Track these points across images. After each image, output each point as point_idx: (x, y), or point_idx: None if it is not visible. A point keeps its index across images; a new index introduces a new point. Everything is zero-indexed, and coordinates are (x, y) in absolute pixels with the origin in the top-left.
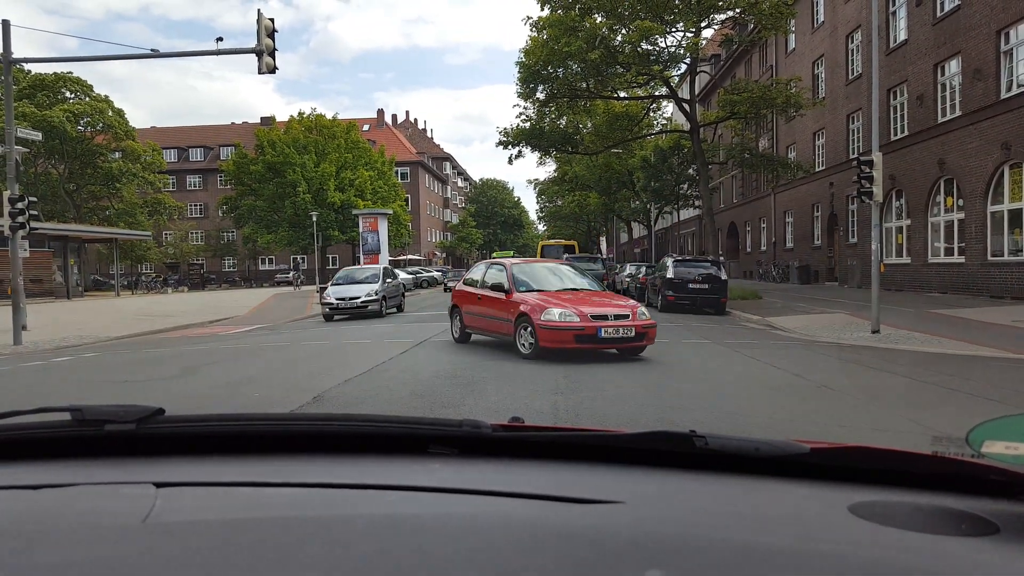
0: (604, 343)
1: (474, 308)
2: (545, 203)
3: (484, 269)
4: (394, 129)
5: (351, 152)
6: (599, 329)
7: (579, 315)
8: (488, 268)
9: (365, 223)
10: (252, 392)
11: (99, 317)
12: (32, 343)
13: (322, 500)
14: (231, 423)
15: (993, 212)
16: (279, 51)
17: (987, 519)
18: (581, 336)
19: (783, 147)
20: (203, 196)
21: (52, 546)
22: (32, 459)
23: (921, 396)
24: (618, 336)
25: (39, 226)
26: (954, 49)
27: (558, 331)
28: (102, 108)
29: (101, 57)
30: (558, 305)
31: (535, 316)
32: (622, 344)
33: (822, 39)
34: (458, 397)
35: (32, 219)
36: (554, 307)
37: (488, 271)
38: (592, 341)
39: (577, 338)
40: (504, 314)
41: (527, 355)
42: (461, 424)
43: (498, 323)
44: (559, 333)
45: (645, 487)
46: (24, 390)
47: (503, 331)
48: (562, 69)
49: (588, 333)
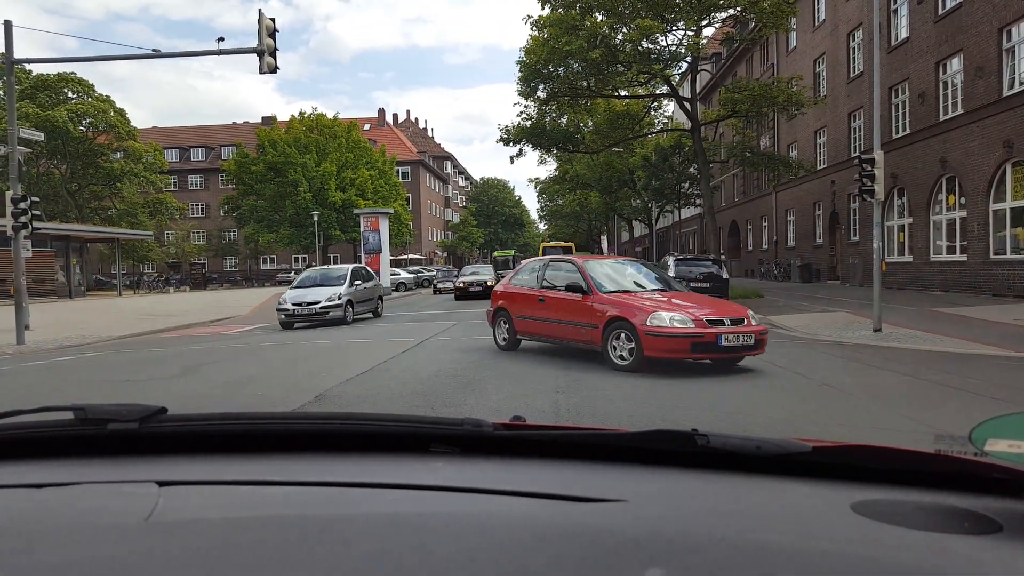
0: (724, 352)
1: (532, 312)
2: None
3: (540, 268)
4: (395, 128)
5: (352, 151)
6: (719, 336)
7: (695, 320)
8: (546, 266)
9: (366, 222)
10: (254, 391)
11: (101, 317)
12: (35, 343)
13: (324, 499)
14: (233, 422)
15: (995, 210)
16: (279, 51)
17: (990, 517)
18: (699, 344)
19: (784, 145)
20: (205, 196)
21: (55, 545)
22: (35, 458)
23: (923, 395)
24: (738, 344)
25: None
26: (956, 47)
27: (671, 339)
28: (104, 108)
29: (103, 57)
30: (666, 307)
31: (637, 321)
32: (741, 353)
33: (823, 37)
34: (460, 396)
35: (34, 219)
36: (663, 310)
37: (547, 270)
38: (711, 350)
39: (694, 346)
40: (584, 318)
41: (623, 367)
42: (463, 423)
43: (573, 329)
44: (672, 341)
45: (647, 486)
46: (27, 389)
47: (581, 338)
48: (563, 68)
49: (707, 341)
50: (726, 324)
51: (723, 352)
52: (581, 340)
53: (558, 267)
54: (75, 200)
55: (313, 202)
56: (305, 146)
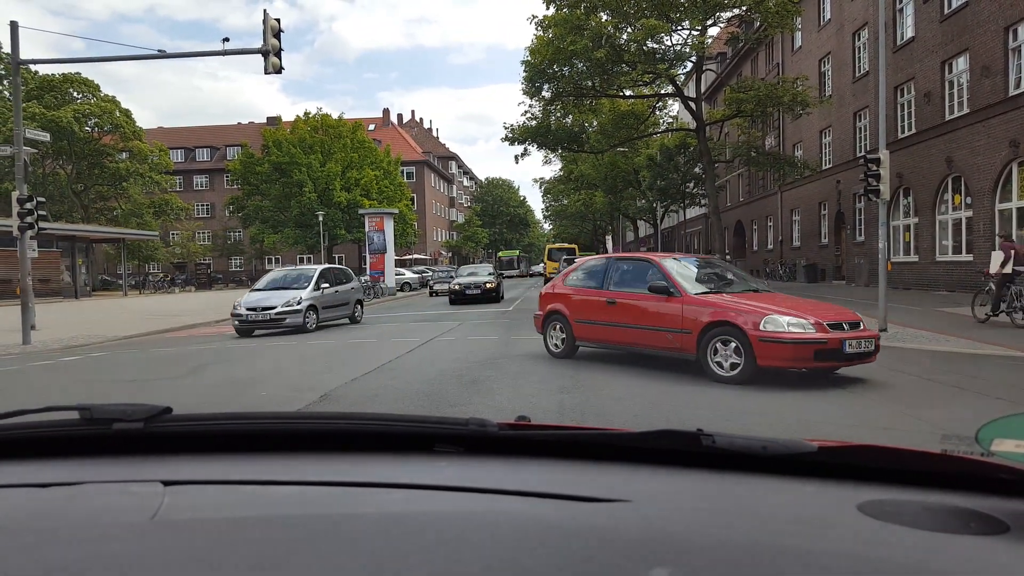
0: (847, 360)
1: (597, 316)
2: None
3: (603, 267)
4: (399, 128)
5: (357, 152)
6: (843, 343)
7: (815, 324)
8: (613, 266)
9: (371, 222)
10: (259, 391)
11: (107, 317)
12: (41, 342)
13: (329, 498)
14: (238, 422)
15: (1001, 210)
16: (284, 51)
17: (996, 518)
18: (823, 352)
19: (789, 145)
20: (210, 196)
21: (61, 543)
22: (41, 457)
23: (929, 395)
24: (860, 351)
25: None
26: (962, 46)
27: (791, 346)
28: (109, 108)
29: (109, 58)
30: (779, 310)
31: (747, 326)
32: (862, 360)
33: (828, 37)
34: (464, 396)
35: (40, 219)
36: (777, 313)
37: (615, 270)
38: (835, 358)
39: (818, 354)
40: (671, 324)
41: (727, 378)
42: (467, 423)
43: (655, 335)
44: (792, 349)
45: (652, 486)
46: (33, 389)
47: (666, 345)
48: (567, 68)
49: (832, 348)
50: (845, 328)
51: (846, 360)
52: (666, 347)
53: (628, 266)
54: (80, 200)
55: (318, 202)
56: (310, 146)
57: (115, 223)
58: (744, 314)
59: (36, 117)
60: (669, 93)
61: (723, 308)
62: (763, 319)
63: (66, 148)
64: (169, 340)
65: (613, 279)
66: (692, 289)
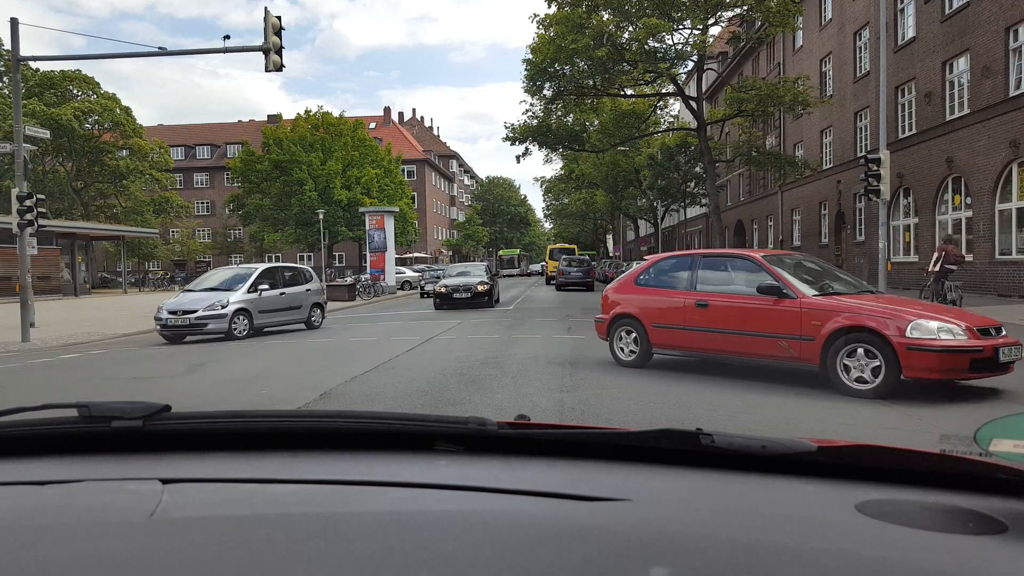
0: (1001, 369)
1: (684, 320)
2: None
3: (688, 264)
4: (400, 127)
5: (358, 150)
6: (998, 350)
7: (967, 330)
8: (703, 262)
9: (371, 221)
10: (258, 389)
11: (106, 314)
12: (40, 340)
13: (328, 497)
14: (237, 420)
15: (1001, 210)
16: (285, 49)
17: (995, 518)
18: (979, 361)
19: (790, 145)
20: (210, 194)
21: (58, 541)
22: (38, 455)
23: (928, 394)
24: (1011, 358)
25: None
26: (963, 47)
27: (945, 355)
28: (109, 106)
29: (110, 55)
30: (923, 314)
31: (891, 332)
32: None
33: (830, 36)
34: (464, 395)
35: (40, 217)
36: (923, 317)
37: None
38: (990, 368)
39: (973, 364)
40: (786, 329)
41: (863, 392)
42: (467, 421)
43: (765, 342)
44: (946, 358)
45: (651, 485)
46: (32, 387)
47: (779, 354)
48: (569, 66)
49: (987, 356)
50: (994, 334)
51: (1001, 369)
52: (778, 356)
53: (721, 263)
54: (80, 198)
55: (318, 200)
56: (311, 144)
57: (115, 221)
58: (886, 319)
59: (36, 114)
60: (670, 92)
61: (856, 312)
62: (909, 324)
63: (66, 145)
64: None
65: (702, 278)
66: (807, 290)
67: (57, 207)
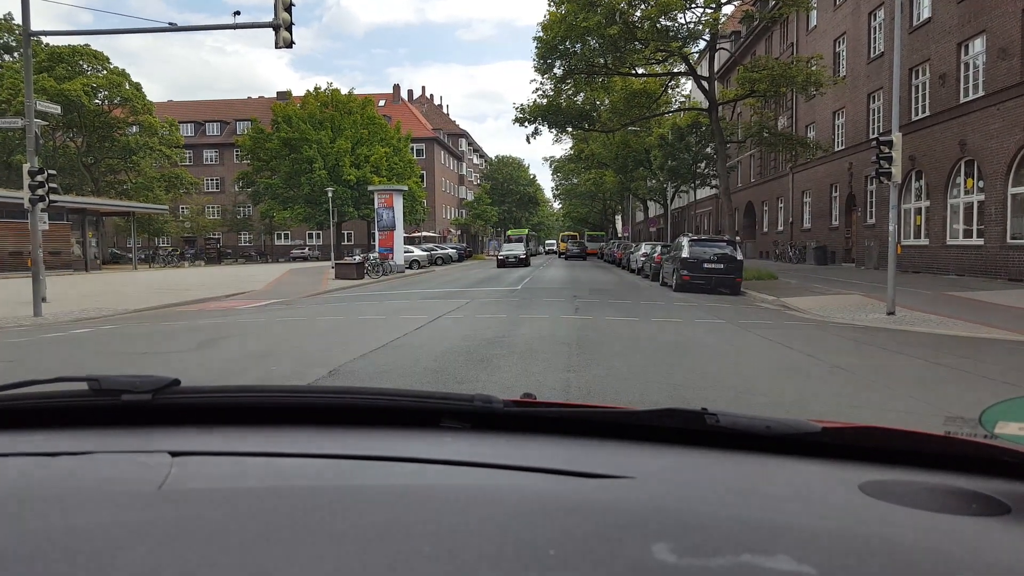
0: None
1: None
2: (560, 180)
3: None
4: (410, 105)
5: (367, 128)
6: None
7: None
8: None
9: (380, 199)
10: (268, 365)
11: (117, 290)
12: (52, 315)
13: (335, 471)
14: (246, 395)
15: (1014, 194)
16: (294, 26)
17: (998, 499)
18: None
19: (802, 126)
20: (220, 170)
21: (68, 511)
22: (50, 427)
23: (935, 378)
24: None
25: (58, 199)
26: (979, 28)
27: None
28: (119, 81)
29: (120, 31)
30: None
31: None
32: None
33: (844, 16)
34: (472, 373)
35: (51, 192)
36: None
37: None
38: None
39: None
40: None
41: None
42: (473, 399)
43: None
44: None
45: (656, 463)
46: (43, 360)
47: None
48: (580, 44)
49: None
50: None
51: None
52: None
53: None
54: (91, 174)
55: (328, 179)
56: (320, 122)
57: (125, 196)
58: None
59: (47, 90)
60: (682, 72)
61: None
62: None
63: (76, 121)
64: (179, 314)
65: None
66: None
67: (68, 183)
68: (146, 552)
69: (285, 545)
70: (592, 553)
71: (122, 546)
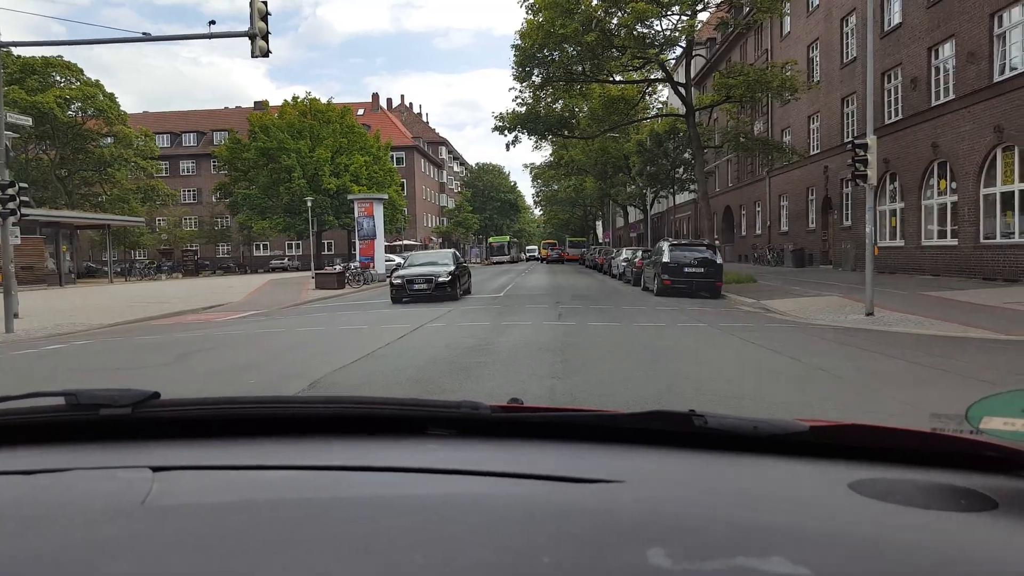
0: None
1: None
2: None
3: None
4: (389, 113)
5: (346, 137)
6: None
7: None
8: None
9: (360, 208)
10: (248, 379)
11: (92, 304)
12: (24, 331)
13: (320, 482)
14: (227, 407)
15: (985, 195)
16: (270, 35)
17: (986, 495)
18: None
19: (778, 131)
20: (197, 181)
21: (49, 530)
22: (25, 444)
23: (915, 377)
24: None
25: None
26: (948, 32)
27: None
28: (93, 93)
29: (93, 41)
30: None
31: None
32: None
33: (817, 22)
34: (456, 382)
35: (23, 205)
36: None
37: None
38: None
39: None
40: None
41: None
42: (459, 405)
43: None
44: None
45: (645, 466)
46: (16, 377)
47: None
48: (558, 52)
49: None
50: None
51: None
52: None
53: None
54: (65, 186)
55: (307, 188)
56: (299, 131)
57: (100, 209)
58: None
59: (18, 102)
60: (659, 78)
61: None
62: None
63: (49, 133)
64: (156, 328)
65: None
66: None
67: (41, 196)
68: (130, 570)
69: (273, 559)
70: (587, 559)
71: (106, 564)
